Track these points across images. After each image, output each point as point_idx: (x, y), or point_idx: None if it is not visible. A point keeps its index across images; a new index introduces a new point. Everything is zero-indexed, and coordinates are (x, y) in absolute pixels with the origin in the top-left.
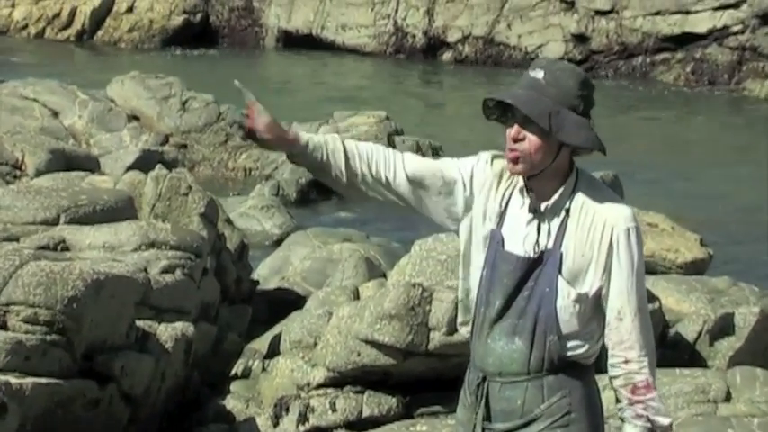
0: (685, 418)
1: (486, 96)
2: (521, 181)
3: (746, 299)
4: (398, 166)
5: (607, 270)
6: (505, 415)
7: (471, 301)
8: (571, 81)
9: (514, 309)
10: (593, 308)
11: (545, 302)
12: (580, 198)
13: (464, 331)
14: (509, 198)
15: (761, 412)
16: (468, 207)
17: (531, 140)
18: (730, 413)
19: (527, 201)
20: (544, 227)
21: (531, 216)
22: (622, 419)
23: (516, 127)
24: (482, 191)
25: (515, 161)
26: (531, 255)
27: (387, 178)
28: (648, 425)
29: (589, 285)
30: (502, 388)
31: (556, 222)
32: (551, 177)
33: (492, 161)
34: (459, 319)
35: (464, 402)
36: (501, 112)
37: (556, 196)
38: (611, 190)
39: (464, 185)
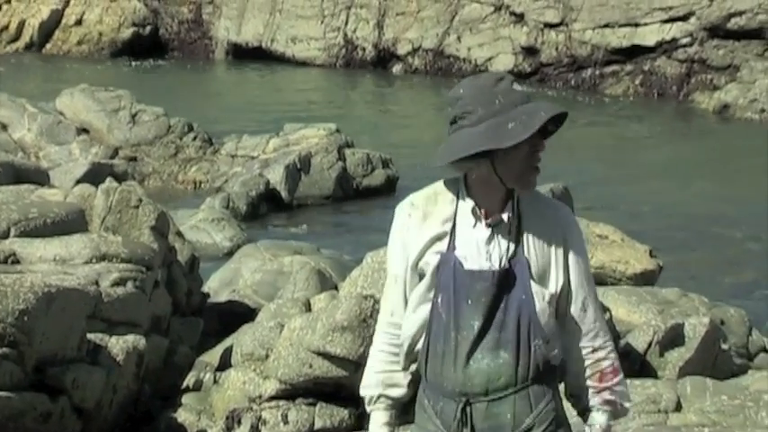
0: (636, 427)
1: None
2: (463, 203)
3: (696, 309)
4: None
5: (566, 265)
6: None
7: (414, 344)
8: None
9: (494, 324)
10: (556, 307)
11: (524, 310)
12: (525, 203)
13: (413, 368)
14: (454, 221)
15: (711, 422)
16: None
17: None
18: (681, 423)
19: (481, 219)
20: (505, 237)
21: (489, 231)
22: (587, 410)
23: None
24: (412, 240)
25: None
26: (501, 267)
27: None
28: (612, 410)
29: (555, 284)
30: (489, 406)
31: (513, 231)
32: (499, 189)
33: (411, 208)
34: (403, 364)
35: None
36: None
37: (508, 206)
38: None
39: (408, 263)
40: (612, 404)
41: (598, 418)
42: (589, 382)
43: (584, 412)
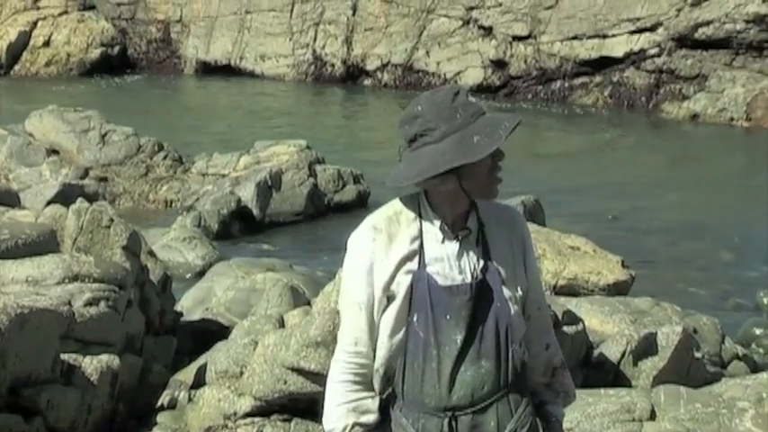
0: None
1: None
2: (428, 220)
3: (669, 318)
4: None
5: (525, 266)
6: None
7: (392, 367)
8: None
9: (475, 335)
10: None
11: (501, 317)
12: (483, 211)
13: (387, 392)
14: (420, 240)
15: (685, 430)
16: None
17: None
18: (655, 431)
19: (447, 233)
20: (473, 248)
21: (458, 245)
22: (540, 405)
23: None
24: (379, 264)
25: None
26: (475, 279)
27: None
28: (565, 401)
29: (522, 286)
30: (473, 417)
31: (479, 240)
32: (464, 202)
33: (375, 232)
34: (378, 388)
35: None
36: None
37: (470, 217)
38: None
39: (374, 289)
40: (565, 395)
41: (556, 410)
42: (543, 378)
43: (538, 407)
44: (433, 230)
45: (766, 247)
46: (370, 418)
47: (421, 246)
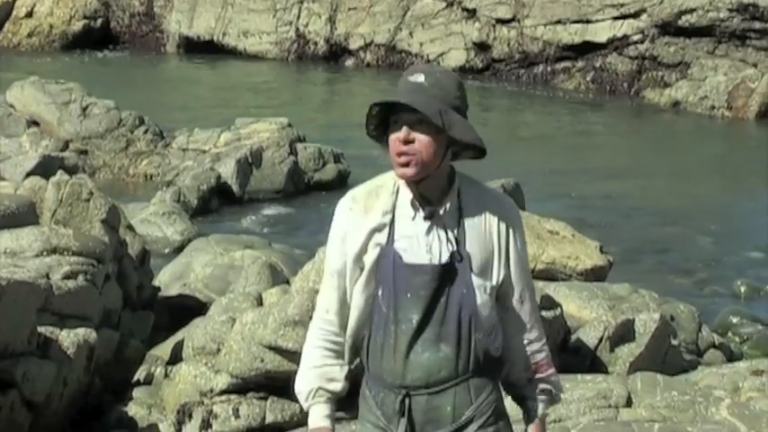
0: (587, 423)
1: (374, 102)
2: (403, 195)
3: (647, 305)
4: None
5: (507, 258)
6: (434, 424)
7: (359, 338)
8: (451, 83)
9: (434, 318)
10: (496, 299)
11: (465, 303)
12: (467, 195)
13: (356, 362)
14: (393, 214)
15: (661, 417)
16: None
17: (422, 140)
18: (631, 418)
19: (419, 210)
20: (445, 230)
21: (428, 224)
22: (523, 399)
23: (405, 129)
24: (352, 234)
25: (407, 164)
26: (442, 261)
27: (357, 342)
28: (548, 399)
29: (497, 277)
30: (429, 399)
31: (454, 223)
32: (440, 180)
33: (352, 202)
34: (348, 358)
35: (376, 424)
36: (379, 121)
37: (448, 198)
38: (485, 184)
39: (346, 258)
40: (548, 393)
41: (535, 406)
42: (526, 374)
43: (520, 401)
44: (405, 205)
45: (744, 236)
46: (337, 386)
47: (392, 221)
